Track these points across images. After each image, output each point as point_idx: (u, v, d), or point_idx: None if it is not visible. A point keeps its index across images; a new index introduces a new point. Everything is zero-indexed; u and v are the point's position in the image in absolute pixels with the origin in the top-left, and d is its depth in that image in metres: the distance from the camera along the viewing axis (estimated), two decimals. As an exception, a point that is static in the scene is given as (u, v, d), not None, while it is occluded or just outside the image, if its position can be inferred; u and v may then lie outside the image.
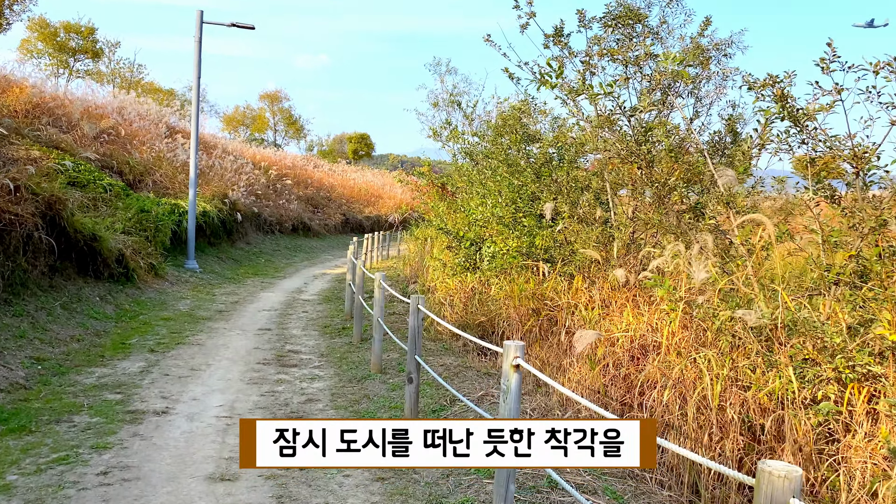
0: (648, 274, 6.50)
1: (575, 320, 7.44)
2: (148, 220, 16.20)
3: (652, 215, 7.41)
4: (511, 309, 8.85)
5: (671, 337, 5.83)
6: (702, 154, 7.05)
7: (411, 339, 6.32)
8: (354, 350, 9.76)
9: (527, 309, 8.68)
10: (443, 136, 17.68)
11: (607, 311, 7.24)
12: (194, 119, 17.81)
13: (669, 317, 5.82)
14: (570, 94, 10.48)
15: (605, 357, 6.33)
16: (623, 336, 6.31)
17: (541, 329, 8.72)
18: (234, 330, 11.01)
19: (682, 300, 5.78)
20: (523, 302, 8.68)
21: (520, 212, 10.68)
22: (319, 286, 17.62)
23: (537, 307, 8.53)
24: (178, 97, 49.30)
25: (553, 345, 8.36)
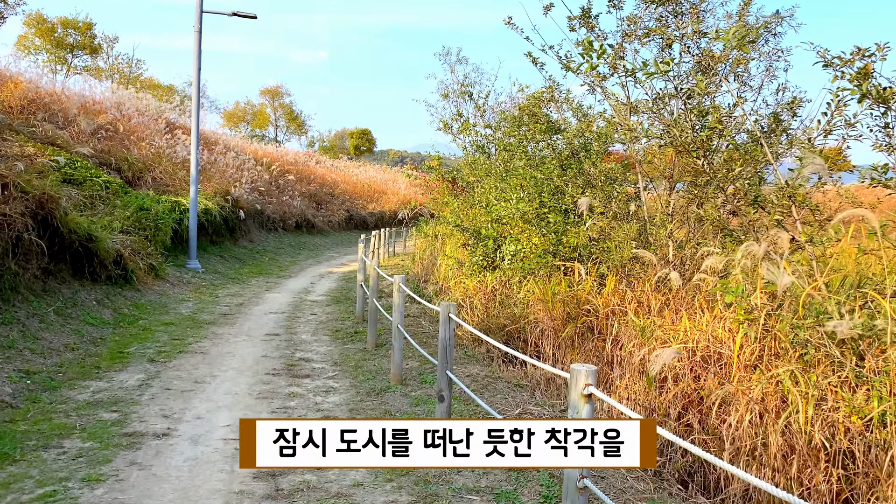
0: (707, 277, 5.80)
1: (623, 328, 6.73)
2: (147, 219, 15.51)
3: (705, 210, 6.71)
4: (542, 313, 8.15)
5: (740, 349, 5.13)
6: (758, 142, 6.34)
7: (442, 352, 5.62)
8: (370, 357, 9.07)
9: (560, 314, 7.98)
10: (454, 128, 16.97)
11: (658, 317, 6.54)
12: (195, 112, 17.11)
13: (743, 326, 5.11)
14: (597, 80, 9.77)
15: (662, 371, 5.63)
16: (681, 347, 5.61)
17: (576, 336, 8.02)
18: (239, 335, 10.32)
19: (761, 307, 5.07)
20: (556, 306, 7.98)
21: (544, 207, 9.98)
22: (327, 286, 16.93)
23: (573, 312, 7.82)
24: (178, 93, 48.58)
25: (589, 352, 7.67)
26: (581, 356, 7.45)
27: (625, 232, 8.09)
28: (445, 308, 5.56)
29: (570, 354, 7.67)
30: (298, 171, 37.47)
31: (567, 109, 10.56)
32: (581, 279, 8.25)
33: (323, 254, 27.15)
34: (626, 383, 6.03)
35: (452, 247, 14.67)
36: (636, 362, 6.02)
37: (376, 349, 9.52)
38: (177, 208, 17.46)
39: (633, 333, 6.39)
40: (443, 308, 5.58)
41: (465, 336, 9.77)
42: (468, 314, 10.33)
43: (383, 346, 9.72)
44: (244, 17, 16.85)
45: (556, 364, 7.54)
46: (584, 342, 7.89)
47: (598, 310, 7.74)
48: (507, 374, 8.03)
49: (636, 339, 6.08)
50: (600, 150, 9.78)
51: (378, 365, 8.63)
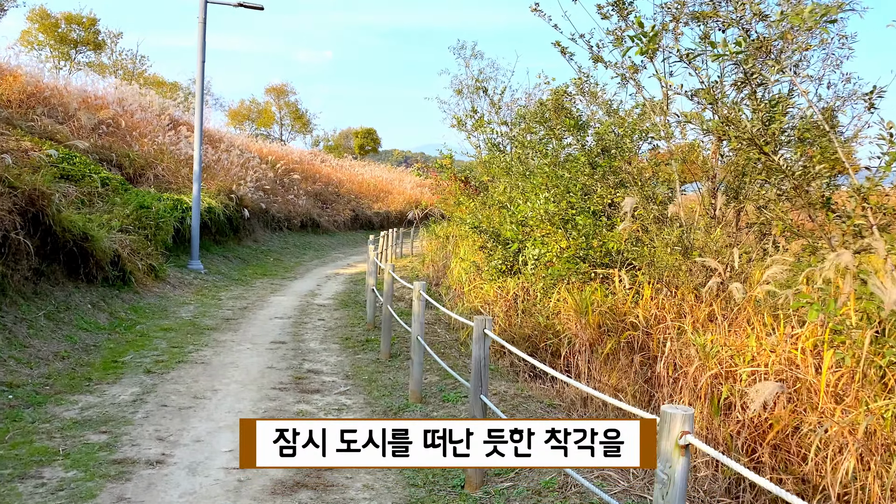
0: (772, 289, 5.10)
1: (672, 343, 6.03)
2: (148, 217, 14.85)
3: (772, 212, 6.01)
4: (575, 325, 7.45)
5: (823, 375, 4.43)
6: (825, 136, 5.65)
7: (476, 373, 4.92)
8: (384, 369, 8.38)
9: (595, 325, 7.28)
10: (468, 125, 16.26)
11: (712, 332, 5.83)
12: (198, 106, 16.45)
13: (836, 350, 4.41)
14: (630, 71, 9.08)
15: (727, 397, 4.93)
16: (746, 370, 4.91)
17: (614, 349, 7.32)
18: (243, 343, 9.64)
19: (854, 327, 4.37)
20: (594, 318, 7.27)
21: (572, 208, 9.28)
22: (334, 288, 16.24)
23: (613, 325, 7.12)
24: (183, 90, 47.91)
25: (626, 369, 6.97)
26: (623, 376, 6.75)
27: (665, 237, 7.38)
28: (480, 323, 4.86)
29: (608, 372, 6.97)
30: (303, 169, 36.82)
31: (595, 103, 9.85)
32: (620, 288, 7.52)
33: (328, 254, 26.48)
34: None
35: (467, 249, 13.98)
36: (695, 385, 5.32)
37: (391, 360, 8.83)
38: (179, 206, 16.79)
39: (686, 351, 5.69)
40: (477, 323, 4.88)
41: (485, 346, 9.08)
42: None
43: (398, 356, 9.03)
44: (250, 8, 16.17)
45: (594, 383, 6.84)
46: (617, 357, 7.19)
47: (639, 322, 7.04)
48: (536, 391, 7.33)
49: (695, 357, 5.38)
50: (633, 147, 9.07)
51: (394, 379, 7.94)
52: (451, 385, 7.54)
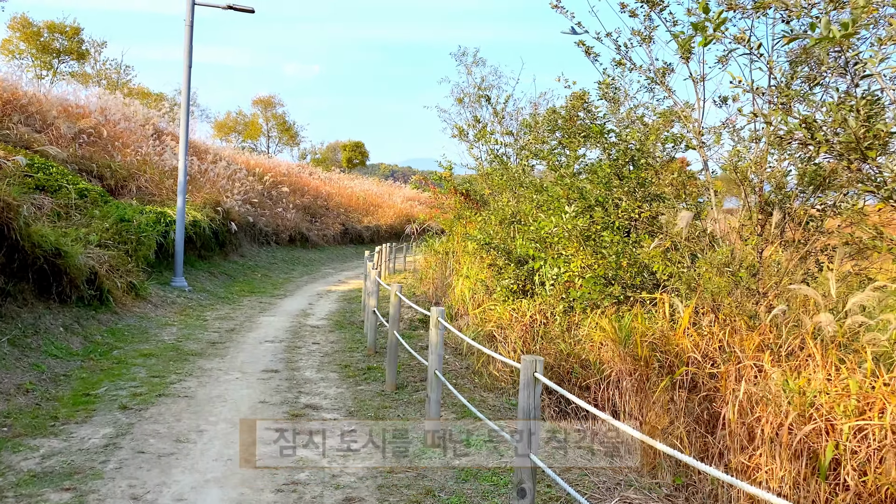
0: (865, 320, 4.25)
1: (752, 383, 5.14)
2: (129, 231, 13.87)
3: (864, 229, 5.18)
4: (614, 356, 6.56)
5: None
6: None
7: (526, 428, 4.03)
8: (391, 404, 7.46)
9: (636, 357, 6.40)
10: (470, 134, 15.43)
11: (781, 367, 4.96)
12: (183, 113, 15.52)
13: None
14: (659, 74, 8.32)
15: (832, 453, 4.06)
16: (849, 422, 4.04)
17: (645, 382, 6.44)
18: (231, 371, 8.69)
19: None
20: (634, 348, 6.39)
21: (594, 223, 8.44)
22: (327, 308, 15.30)
23: (657, 356, 6.23)
24: (168, 100, 46.88)
25: (667, 405, 6.10)
26: (667, 414, 5.87)
27: (713, 257, 6.53)
28: (529, 365, 3.97)
29: (651, 408, 6.08)
30: (291, 182, 35.88)
31: (616, 111, 9.02)
32: (661, 314, 6.64)
33: (318, 270, 25.53)
34: (764, 463, 4.45)
35: (470, 266, 13.09)
36: (777, 436, 4.45)
37: (398, 393, 7.92)
38: (162, 220, 15.84)
39: (759, 393, 4.82)
40: (526, 365, 3.99)
41: (502, 376, 8.18)
42: (502, 348, 8.76)
43: (405, 388, 8.12)
44: (240, 11, 15.30)
45: (646, 428, 5.95)
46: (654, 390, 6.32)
47: (692, 354, 6.17)
48: (570, 433, 6.43)
49: (779, 402, 4.50)
50: (663, 157, 8.25)
51: (403, 415, 7.02)
52: (472, 426, 6.63)
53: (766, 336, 6.11)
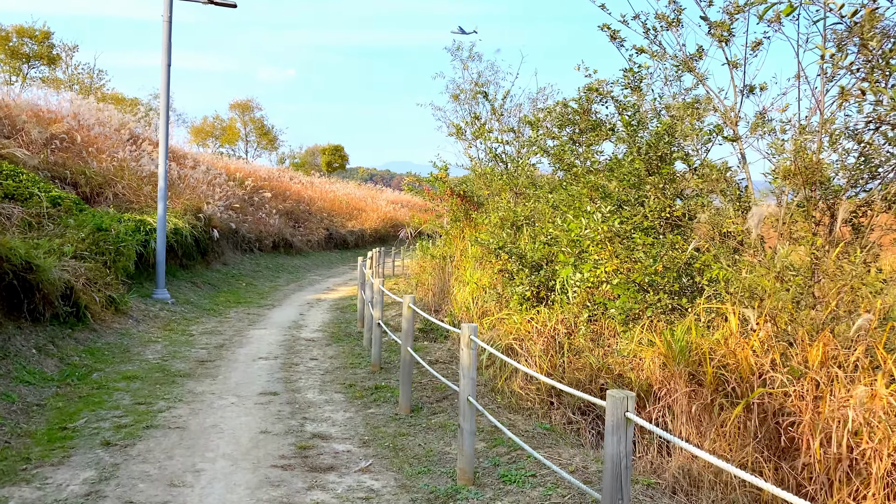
0: None
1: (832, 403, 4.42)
2: (107, 241, 12.93)
3: None
4: (666, 375, 5.82)
5: None
6: None
7: (612, 483, 3.25)
8: (409, 431, 6.67)
9: (690, 374, 5.67)
10: (467, 133, 14.65)
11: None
12: (163, 115, 14.63)
13: None
14: (689, 61, 7.62)
15: None
16: None
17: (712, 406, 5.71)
18: (225, 395, 7.86)
19: None
20: (687, 365, 5.65)
21: (626, 224, 7.70)
22: (319, 318, 14.46)
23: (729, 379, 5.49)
24: (143, 105, 45.65)
25: (743, 429, 5.37)
26: (746, 443, 5.13)
27: (772, 261, 5.82)
28: (618, 403, 3.20)
29: (723, 438, 5.34)
30: (273, 186, 34.87)
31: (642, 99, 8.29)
32: (727, 327, 5.89)
33: (305, 277, 24.64)
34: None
35: (473, 271, 12.31)
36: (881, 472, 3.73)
37: (413, 416, 7.13)
38: (142, 228, 14.92)
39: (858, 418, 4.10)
40: (614, 403, 3.21)
41: (526, 395, 7.41)
42: (525, 362, 7.99)
43: (421, 410, 7.34)
44: (222, 6, 14.44)
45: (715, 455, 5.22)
46: (711, 411, 5.60)
47: (747, 369, 5.44)
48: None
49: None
50: (698, 150, 7.55)
51: (426, 445, 6.23)
52: (507, 455, 5.86)
53: (831, 347, 5.43)
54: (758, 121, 7.23)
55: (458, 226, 15.37)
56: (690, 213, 7.79)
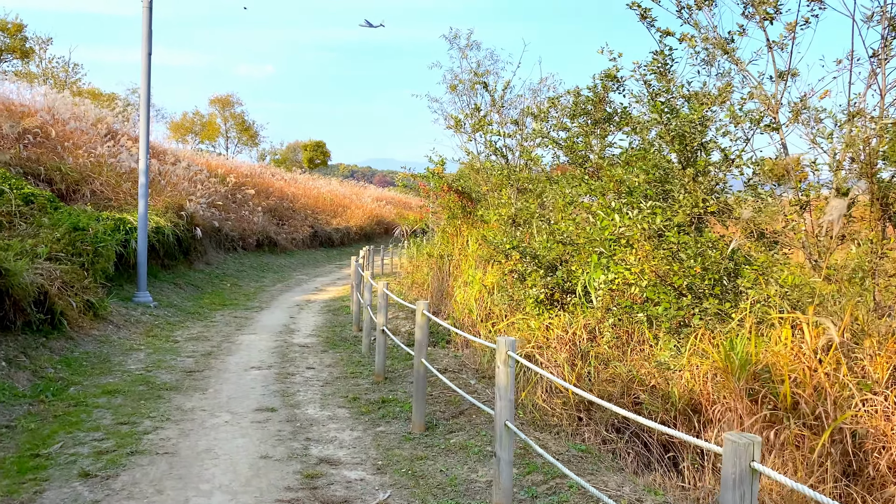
0: None
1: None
2: (84, 241, 12.11)
3: None
4: (722, 391, 5.17)
5: None
6: None
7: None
8: (425, 451, 5.97)
9: (751, 392, 5.02)
10: (466, 125, 13.94)
11: None
12: (143, 106, 13.80)
13: None
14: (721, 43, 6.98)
15: None
16: None
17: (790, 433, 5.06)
18: (218, 412, 7.12)
19: None
20: (744, 381, 5.00)
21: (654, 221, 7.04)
22: (311, 321, 13.72)
23: (773, 389, 4.84)
24: (121, 100, 44.48)
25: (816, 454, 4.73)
26: (822, 470, 4.50)
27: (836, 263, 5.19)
28: (742, 450, 2.52)
29: (797, 466, 4.69)
30: (255, 183, 33.97)
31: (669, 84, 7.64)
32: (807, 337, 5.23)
33: (291, 276, 23.85)
34: None
35: (474, 272, 11.62)
36: None
37: (428, 435, 6.43)
38: (122, 227, 14.10)
39: None
40: (735, 450, 2.53)
41: (553, 410, 6.74)
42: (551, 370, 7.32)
43: (436, 427, 6.64)
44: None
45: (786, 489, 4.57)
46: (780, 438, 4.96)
47: (813, 386, 4.81)
48: (671, 488, 5.01)
49: None
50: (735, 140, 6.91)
51: (448, 470, 5.54)
52: (542, 483, 5.18)
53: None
54: (799, 107, 6.61)
55: (455, 223, 14.69)
56: (727, 209, 7.16)
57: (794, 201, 6.16)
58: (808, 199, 5.94)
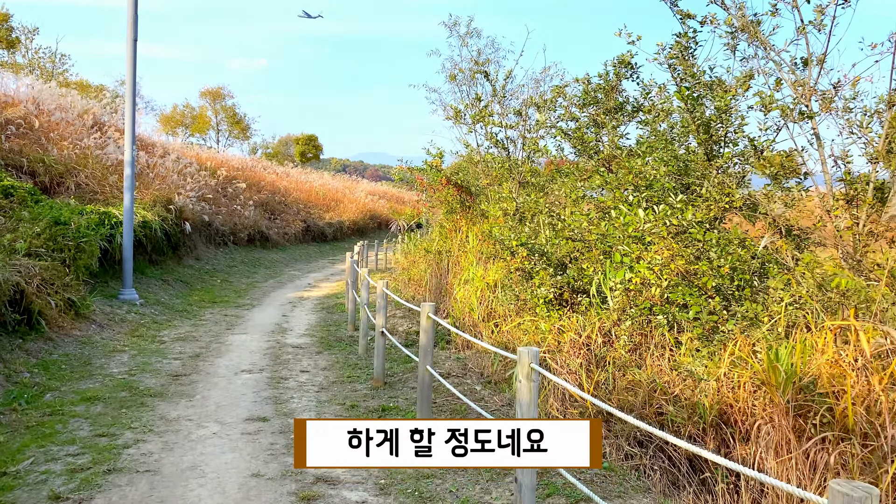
0: None
1: None
2: (66, 236, 11.53)
3: None
4: (764, 405, 4.67)
5: None
6: None
7: None
8: (433, 468, 5.46)
9: (797, 407, 4.51)
10: (467, 116, 13.40)
11: None
12: (129, 95, 13.21)
13: None
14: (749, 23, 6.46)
15: None
16: None
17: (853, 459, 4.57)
18: (205, 422, 6.59)
19: None
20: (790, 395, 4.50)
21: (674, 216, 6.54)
22: (304, 320, 13.19)
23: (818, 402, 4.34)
24: (109, 92, 43.68)
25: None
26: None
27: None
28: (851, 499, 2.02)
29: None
30: (246, 177, 33.35)
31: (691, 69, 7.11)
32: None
33: (283, 272, 23.30)
34: None
35: (475, 269, 11.10)
36: None
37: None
38: (107, 221, 13.51)
39: None
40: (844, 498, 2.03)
41: (569, 416, 6.23)
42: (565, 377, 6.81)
43: (442, 440, 6.12)
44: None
45: None
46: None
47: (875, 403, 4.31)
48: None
49: None
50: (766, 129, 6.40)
51: (458, 491, 5.03)
52: (560, 502, 4.68)
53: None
54: (832, 94, 6.11)
55: (454, 218, 14.17)
56: (753, 204, 6.66)
57: (840, 195, 5.67)
58: (857, 193, 5.45)
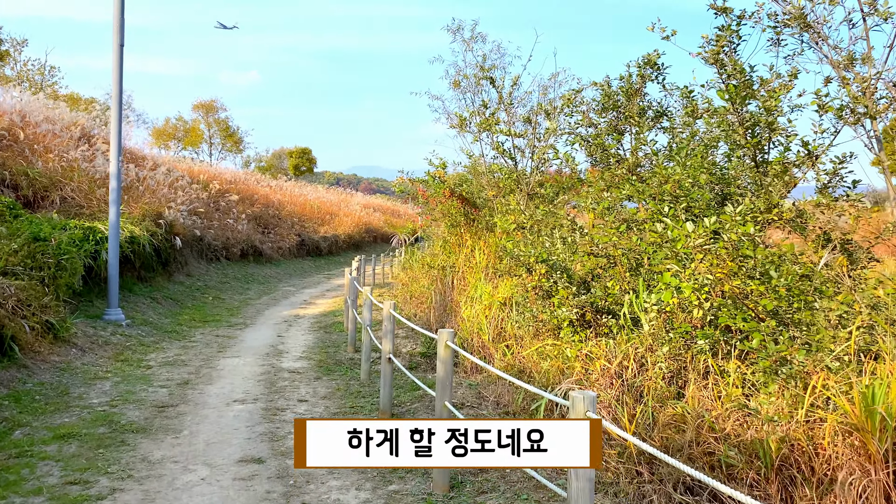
0: None
1: None
2: (45, 253, 10.78)
3: None
4: (854, 452, 3.95)
5: None
6: None
7: None
8: None
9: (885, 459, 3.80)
10: (472, 124, 12.72)
11: None
12: (115, 104, 12.48)
13: None
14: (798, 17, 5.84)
15: None
16: None
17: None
18: (193, 465, 5.83)
19: None
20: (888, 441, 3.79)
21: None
22: (301, 340, 12.43)
23: None
24: (100, 104, 42.94)
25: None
26: None
27: None
28: None
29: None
30: (239, 190, 32.59)
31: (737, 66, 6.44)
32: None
33: (277, 288, 22.54)
34: None
35: (483, 286, 10.37)
36: None
37: (452, 497, 5.18)
38: (91, 237, 12.76)
39: None
40: None
41: (611, 465, 5.51)
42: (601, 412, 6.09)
43: (462, 486, 5.38)
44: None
45: None
46: None
47: None
48: None
49: None
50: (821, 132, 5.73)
51: None
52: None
53: None
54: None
55: (458, 231, 13.47)
56: (801, 215, 5.98)
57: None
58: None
